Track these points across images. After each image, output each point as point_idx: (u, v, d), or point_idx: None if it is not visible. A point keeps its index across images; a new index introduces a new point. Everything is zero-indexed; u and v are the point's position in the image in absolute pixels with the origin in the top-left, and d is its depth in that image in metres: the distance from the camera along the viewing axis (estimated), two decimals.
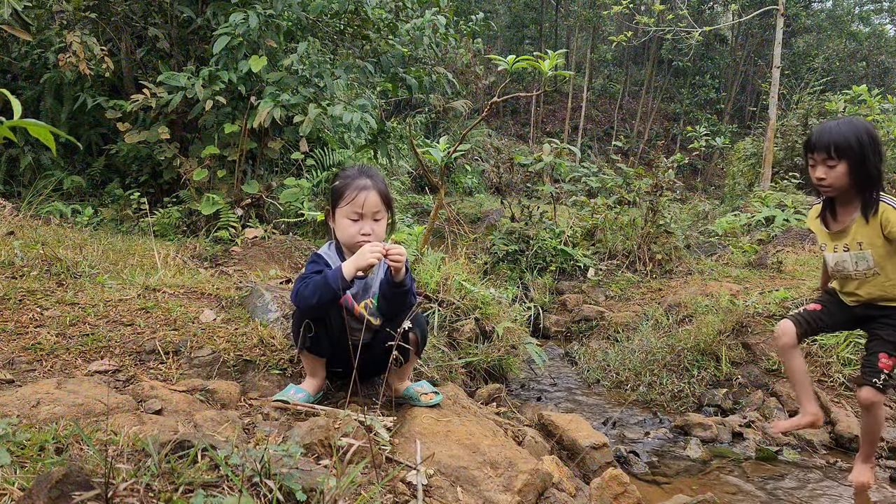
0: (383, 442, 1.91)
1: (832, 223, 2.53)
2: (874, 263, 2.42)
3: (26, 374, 2.09)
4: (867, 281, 2.47)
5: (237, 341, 2.54)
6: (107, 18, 6.06)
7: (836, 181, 2.39)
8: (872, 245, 2.41)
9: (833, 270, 2.56)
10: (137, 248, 4.32)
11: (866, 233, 2.41)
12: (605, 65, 27.98)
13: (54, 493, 1.13)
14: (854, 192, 2.41)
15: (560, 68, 4.06)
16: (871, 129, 2.38)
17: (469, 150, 15.86)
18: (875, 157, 2.36)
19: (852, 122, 2.40)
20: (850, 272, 2.48)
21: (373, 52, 7.03)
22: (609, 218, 7.21)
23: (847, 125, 2.38)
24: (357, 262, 2.07)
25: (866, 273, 2.45)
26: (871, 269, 2.44)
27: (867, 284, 2.48)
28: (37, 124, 1.08)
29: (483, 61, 14.57)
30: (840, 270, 2.52)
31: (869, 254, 2.42)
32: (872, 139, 2.36)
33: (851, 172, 2.37)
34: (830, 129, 2.41)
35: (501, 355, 3.60)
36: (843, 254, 2.49)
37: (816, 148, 2.41)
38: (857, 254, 2.45)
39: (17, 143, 5.99)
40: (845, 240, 2.47)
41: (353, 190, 2.21)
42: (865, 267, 2.45)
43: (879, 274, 2.43)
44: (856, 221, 2.43)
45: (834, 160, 2.37)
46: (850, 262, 2.48)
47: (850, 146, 2.35)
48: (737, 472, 2.82)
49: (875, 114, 9.18)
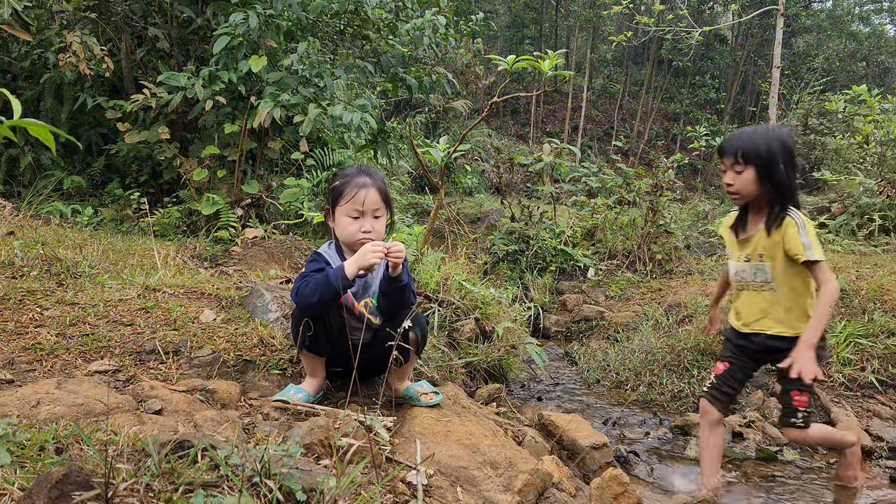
0: (383, 442, 1.91)
1: (741, 231, 2.46)
2: (771, 278, 2.36)
3: (26, 374, 2.09)
4: (762, 296, 2.39)
5: (237, 341, 2.54)
6: (107, 18, 6.06)
7: (744, 188, 2.33)
8: (773, 258, 2.34)
9: (733, 280, 2.51)
10: (137, 248, 4.32)
11: (769, 245, 2.35)
12: (605, 65, 27.97)
13: (54, 493, 1.13)
14: (765, 201, 2.34)
15: (560, 68, 4.06)
16: (788, 138, 2.31)
17: (469, 150, 15.86)
18: (787, 167, 2.28)
19: (768, 129, 2.34)
20: (749, 282, 2.42)
21: (373, 52, 7.03)
22: (609, 218, 7.22)
23: (761, 132, 2.32)
24: (359, 262, 2.07)
25: (762, 286, 2.38)
26: (767, 283, 2.37)
27: (761, 300, 2.40)
28: (37, 124, 1.08)
29: (483, 61, 14.57)
30: (739, 281, 2.47)
31: (768, 266, 2.36)
32: (785, 148, 2.28)
33: (759, 180, 2.30)
34: (741, 134, 2.36)
35: (501, 355, 3.60)
36: (743, 264, 2.43)
37: (725, 152, 2.35)
38: (756, 265, 2.38)
39: (17, 143, 5.99)
40: (748, 250, 2.41)
41: (352, 188, 2.21)
42: (763, 279, 2.38)
43: (776, 290, 2.36)
44: (760, 232, 2.37)
45: (741, 166, 2.31)
46: (748, 273, 2.42)
47: (759, 153, 2.27)
48: (737, 472, 2.82)
49: (875, 114, 9.18)
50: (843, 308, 3.93)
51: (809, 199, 9.54)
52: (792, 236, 2.26)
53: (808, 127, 12.06)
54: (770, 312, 2.38)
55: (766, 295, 2.38)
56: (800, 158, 11.90)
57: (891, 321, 3.71)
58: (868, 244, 6.92)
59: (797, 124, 12.24)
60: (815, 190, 10.84)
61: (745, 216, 2.45)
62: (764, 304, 2.39)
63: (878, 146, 8.69)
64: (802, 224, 2.27)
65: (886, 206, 7.56)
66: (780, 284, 2.34)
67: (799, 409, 2.35)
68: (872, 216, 7.50)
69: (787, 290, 2.34)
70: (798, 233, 2.25)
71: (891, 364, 3.55)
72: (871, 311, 3.84)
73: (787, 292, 2.34)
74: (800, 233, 2.25)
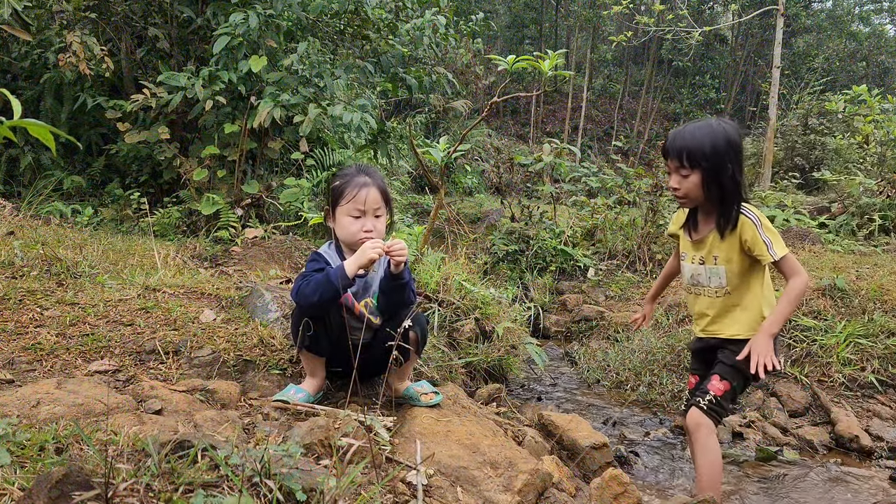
0: (383, 442, 1.91)
1: (693, 233, 2.30)
2: (726, 282, 2.21)
3: (26, 374, 2.09)
4: (717, 300, 2.24)
5: (237, 341, 2.54)
6: (107, 18, 6.06)
7: (691, 192, 2.17)
8: (728, 261, 2.19)
9: (688, 284, 2.35)
10: (137, 248, 4.32)
11: (723, 248, 2.19)
12: (605, 65, 27.97)
13: (54, 493, 1.13)
14: (714, 202, 2.18)
15: (560, 68, 4.06)
16: (733, 134, 2.14)
17: (469, 150, 15.86)
18: (734, 166, 2.11)
19: (711, 126, 2.15)
20: (704, 287, 2.27)
21: (373, 52, 7.03)
22: (609, 218, 7.22)
23: (704, 130, 2.14)
24: (358, 260, 2.08)
25: (717, 291, 2.24)
26: (722, 288, 2.22)
27: (718, 304, 2.25)
28: (37, 124, 1.08)
29: (483, 61, 14.57)
30: (695, 284, 2.31)
31: (723, 270, 2.20)
32: (732, 147, 2.11)
33: (705, 183, 2.13)
34: (685, 133, 2.16)
35: (501, 355, 3.60)
36: (699, 266, 2.27)
37: (669, 154, 2.18)
38: (711, 268, 2.23)
39: (17, 143, 5.99)
40: (702, 252, 2.25)
41: (353, 187, 2.21)
42: (718, 284, 2.23)
43: (731, 294, 2.21)
44: (713, 234, 2.21)
45: (687, 170, 2.14)
46: (704, 277, 2.26)
47: (704, 154, 2.10)
48: (737, 472, 2.82)
49: (875, 114, 9.18)
50: (843, 308, 3.93)
51: (809, 199, 9.54)
52: (753, 238, 2.11)
53: (808, 127, 12.07)
54: (725, 315, 2.23)
55: (721, 299, 2.24)
56: (799, 158, 11.91)
57: (891, 321, 3.71)
58: (868, 244, 6.92)
59: (797, 124, 12.24)
60: (815, 190, 10.84)
61: (696, 216, 2.30)
62: (719, 307, 2.24)
63: (878, 146, 8.69)
64: (759, 221, 2.12)
65: (886, 206, 7.56)
66: (736, 287, 2.20)
67: (710, 392, 2.17)
68: (872, 216, 7.50)
69: (742, 292, 2.20)
70: (757, 232, 2.11)
71: (891, 364, 3.55)
72: (871, 311, 3.84)
73: (743, 293, 2.20)
74: (759, 232, 2.11)
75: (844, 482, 2.73)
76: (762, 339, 2.09)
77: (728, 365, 2.17)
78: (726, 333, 2.23)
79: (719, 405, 2.16)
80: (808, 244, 6.80)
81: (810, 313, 3.92)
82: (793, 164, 11.89)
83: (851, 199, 8.11)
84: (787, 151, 12.18)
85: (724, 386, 2.16)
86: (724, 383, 2.17)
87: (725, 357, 2.20)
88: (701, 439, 2.16)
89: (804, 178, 11.02)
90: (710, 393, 2.17)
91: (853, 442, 3.08)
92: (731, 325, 2.22)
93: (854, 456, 3.05)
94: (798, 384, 3.57)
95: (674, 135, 2.19)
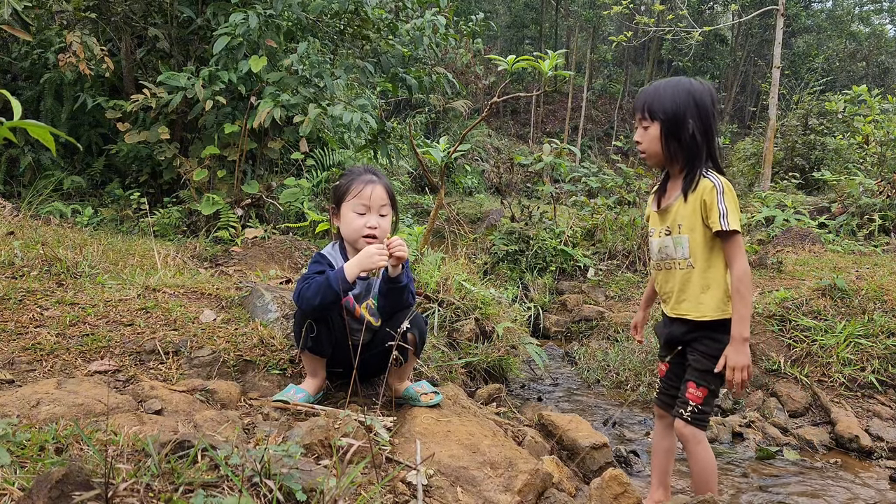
0: (383, 442, 1.91)
1: (662, 199, 2.18)
2: (689, 253, 2.07)
3: (26, 374, 2.09)
4: (683, 274, 2.10)
5: (237, 341, 2.54)
6: (107, 18, 6.07)
7: (650, 146, 2.08)
8: (691, 230, 2.05)
9: (657, 260, 2.21)
10: (137, 248, 4.32)
11: (686, 214, 2.06)
12: (605, 65, 27.98)
13: (54, 493, 1.13)
14: (680, 165, 2.08)
15: (560, 68, 4.06)
16: (700, 90, 2.03)
17: (469, 150, 15.87)
18: (696, 124, 2.01)
19: (679, 80, 2.07)
20: (673, 259, 2.13)
21: (373, 52, 7.03)
22: (609, 218, 7.22)
23: (670, 84, 2.06)
24: (362, 263, 2.08)
25: (681, 262, 2.10)
26: (686, 259, 2.08)
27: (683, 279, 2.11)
28: (37, 125, 1.08)
29: (483, 61, 14.57)
30: (663, 259, 2.17)
31: (686, 239, 2.07)
32: (696, 102, 2.01)
33: (664, 136, 2.04)
34: (650, 87, 2.11)
35: (501, 355, 3.60)
36: (665, 238, 2.14)
37: (635, 108, 2.13)
38: (676, 238, 2.09)
39: (18, 143, 6.00)
40: (668, 221, 2.13)
41: (359, 183, 2.22)
42: (682, 255, 2.09)
43: (695, 269, 2.06)
44: (678, 199, 2.09)
45: (647, 121, 2.07)
46: (671, 248, 2.13)
47: (664, 107, 2.02)
48: (737, 472, 2.82)
49: (875, 114, 9.18)
50: (843, 308, 3.93)
51: (809, 199, 9.55)
52: (710, 202, 1.98)
53: (808, 127, 12.07)
54: (689, 292, 2.10)
55: (685, 273, 2.10)
56: (799, 158, 11.91)
57: (891, 321, 3.71)
58: (868, 244, 6.92)
59: (797, 124, 12.25)
60: (815, 190, 10.84)
61: (666, 184, 2.19)
62: (684, 283, 2.10)
63: (878, 146, 8.70)
64: (722, 188, 1.99)
65: (886, 206, 7.56)
66: (699, 261, 2.06)
67: (690, 401, 2.08)
68: (872, 216, 7.51)
69: (705, 268, 2.06)
70: (716, 198, 1.98)
71: (891, 364, 3.55)
72: (871, 311, 3.84)
73: (706, 270, 2.06)
74: (717, 198, 1.98)
75: (844, 482, 2.73)
76: (738, 349, 1.97)
77: (700, 370, 2.08)
78: (693, 315, 2.10)
79: (701, 412, 2.09)
80: (808, 244, 6.81)
81: (810, 313, 3.92)
82: (793, 164, 11.89)
83: (851, 200, 8.12)
84: (787, 151, 12.19)
85: (702, 392, 2.08)
86: (702, 389, 2.08)
87: (696, 361, 2.09)
88: (691, 449, 2.10)
89: (804, 179, 11.02)
90: (690, 403, 2.09)
91: (853, 442, 3.08)
92: (696, 307, 2.09)
93: (854, 456, 3.05)
94: (798, 384, 3.57)
95: (642, 90, 2.16)
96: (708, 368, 2.06)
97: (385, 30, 6.89)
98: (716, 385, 2.09)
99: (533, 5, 25.78)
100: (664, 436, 2.29)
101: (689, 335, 2.11)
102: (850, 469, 2.89)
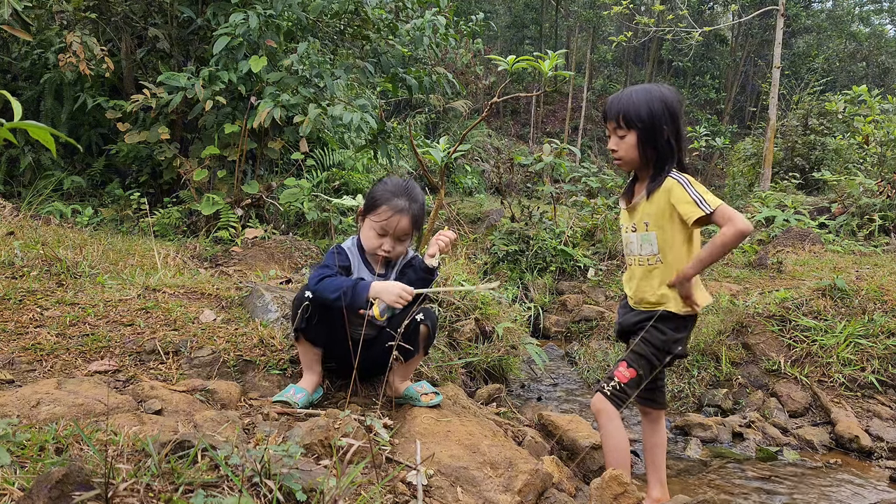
0: (383, 442, 1.91)
1: (631, 198, 2.27)
2: (658, 249, 2.14)
3: (26, 374, 2.09)
4: (650, 269, 2.17)
5: (237, 341, 2.54)
6: (107, 18, 6.07)
7: (627, 154, 2.15)
8: (660, 228, 2.13)
9: (627, 254, 2.30)
10: (137, 248, 4.32)
11: (652, 212, 2.14)
12: (605, 65, 27.98)
13: (54, 493, 1.13)
14: (650, 167, 2.16)
15: (560, 68, 4.05)
16: (671, 97, 2.12)
17: (469, 150, 15.87)
18: (670, 127, 2.10)
19: (649, 89, 2.15)
20: (636, 255, 2.21)
21: (373, 52, 7.03)
22: (609, 218, 7.22)
23: (641, 92, 2.13)
24: (382, 295, 2.12)
25: (649, 259, 2.17)
26: (654, 255, 2.15)
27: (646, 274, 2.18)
28: (37, 126, 1.08)
29: (483, 61, 14.58)
30: (629, 254, 2.26)
31: (654, 236, 2.14)
32: (668, 109, 2.10)
33: (641, 144, 2.12)
34: (622, 96, 2.16)
35: (501, 355, 3.60)
36: (631, 234, 2.23)
37: (608, 116, 2.18)
38: (642, 235, 2.17)
39: (18, 143, 6.00)
40: (635, 218, 2.21)
41: (388, 209, 2.25)
42: (650, 251, 2.17)
43: (664, 264, 2.14)
44: (642, 198, 2.17)
45: (623, 130, 2.13)
46: (636, 245, 2.21)
47: (640, 115, 2.09)
48: (737, 472, 2.82)
49: (875, 114, 9.18)
50: (843, 308, 3.93)
51: (809, 199, 9.54)
52: (679, 196, 2.05)
53: (808, 127, 12.06)
54: (648, 287, 2.18)
55: (653, 267, 2.17)
56: (799, 158, 11.91)
57: (891, 321, 3.71)
58: (868, 244, 6.92)
59: (797, 124, 12.24)
60: (815, 190, 10.84)
61: (633, 186, 2.27)
62: (644, 278, 2.19)
63: (878, 146, 8.69)
64: (687, 181, 2.07)
65: (886, 206, 7.56)
66: (666, 255, 2.14)
67: (616, 378, 2.15)
68: (872, 216, 7.50)
69: (673, 262, 2.13)
70: (685, 190, 2.05)
71: (891, 364, 3.54)
72: (871, 311, 3.83)
73: (674, 263, 2.13)
74: (686, 190, 2.05)
75: (844, 482, 2.73)
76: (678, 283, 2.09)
77: (637, 353, 2.15)
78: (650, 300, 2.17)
79: (623, 392, 2.14)
80: (808, 244, 6.81)
81: (810, 313, 3.92)
82: (793, 164, 11.89)
83: (851, 200, 8.12)
84: (787, 151, 12.18)
85: (631, 374, 2.15)
86: (631, 371, 2.15)
87: (637, 345, 2.16)
88: (603, 423, 2.17)
89: (804, 179, 11.02)
90: (615, 379, 2.15)
91: (853, 442, 3.08)
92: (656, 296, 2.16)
93: (854, 456, 3.05)
94: (798, 384, 3.57)
95: (612, 98, 2.20)
96: (644, 355, 2.14)
97: (385, 30, 6.89)
98: (645, 372, 2.16)
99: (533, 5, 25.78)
100: (652, 431, 2.34)
101: (640, 325, 2.19)
102: (850, 469, 2.89)
